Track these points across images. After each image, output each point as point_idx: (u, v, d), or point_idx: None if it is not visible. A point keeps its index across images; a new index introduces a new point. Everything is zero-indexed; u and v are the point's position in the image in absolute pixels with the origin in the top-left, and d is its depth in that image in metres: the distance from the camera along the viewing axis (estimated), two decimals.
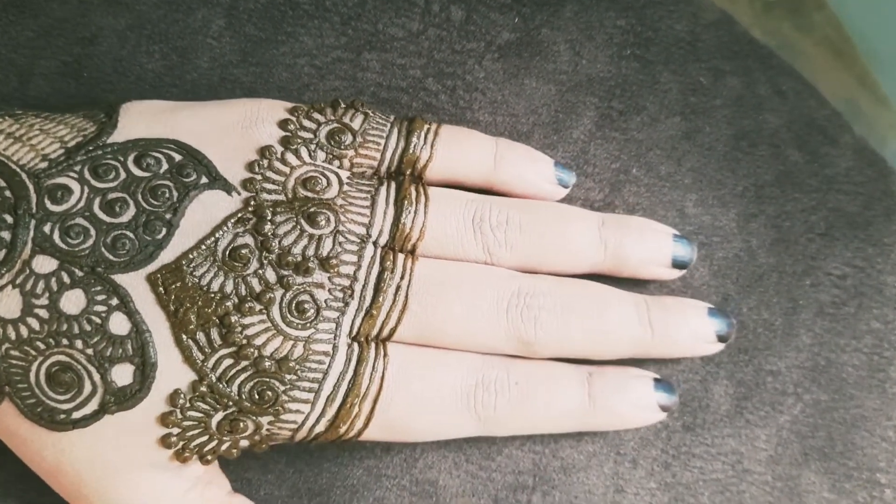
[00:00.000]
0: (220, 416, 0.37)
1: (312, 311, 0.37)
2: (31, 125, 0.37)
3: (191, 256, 0.36)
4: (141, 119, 0.39)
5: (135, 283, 0.35)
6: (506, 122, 0.46)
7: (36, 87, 0.45)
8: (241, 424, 0.37)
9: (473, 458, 0.43)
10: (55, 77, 0.45)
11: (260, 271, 0.37)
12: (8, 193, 0.35)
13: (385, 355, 0.38)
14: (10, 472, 0.40)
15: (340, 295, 0.38)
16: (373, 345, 0.38)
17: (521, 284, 0.40)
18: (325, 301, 0.37)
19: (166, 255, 0.36)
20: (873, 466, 0.43)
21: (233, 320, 0.36)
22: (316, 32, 0.46)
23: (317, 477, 0.43)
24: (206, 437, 0.37)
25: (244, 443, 0.38)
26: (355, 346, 0.38)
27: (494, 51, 0.46)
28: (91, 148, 0.37)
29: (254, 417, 0.37)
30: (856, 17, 0.51)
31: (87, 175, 0.36)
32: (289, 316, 0.37)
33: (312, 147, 0.39)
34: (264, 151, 0.38)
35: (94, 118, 0.39)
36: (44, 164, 0.36)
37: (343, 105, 0.41)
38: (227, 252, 0.36)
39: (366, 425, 0.38)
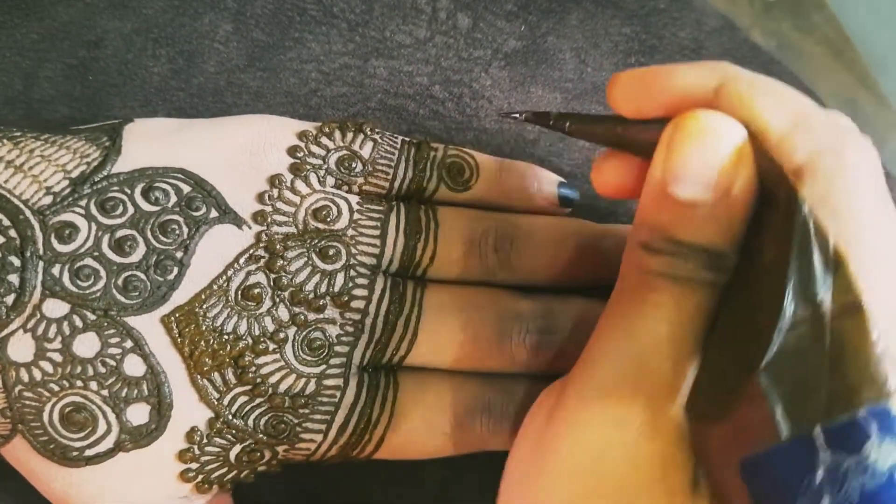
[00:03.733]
0: (237, 448, 0.35)
1: (324, 347, 0.35)
2: (31, 151, 0.34)
3: (203, 297, 0.34)
4: (145, 143, 0.36)
5: (149, 326, 0.33)
6: (512, 130, 0.44)
7: (40, 91, 0.42)
8: (258, 454, 0.36)
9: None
10: (60, 80, 0.42)
11: (273, 310, 0.35)
12: (13, 233, 0.33)
13: (395, 382, 0.37)
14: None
15: (351, 329, 0.36)
16: (382, 373, 0.37)
17: (521, 310, 0.38)
18: (337, 336, 0.36)
19: (179, 297, 0.34)
20: None
21: (247, 361, 0.34)
22: (323, 38, 0.43)
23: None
24: (224, 469, 0.35)
25: (261, 468, 0.37)
26: (365, 376, 0.36)
27: (501, 59, 0.44)
28: (96, 179, 0.34)
29: (270, 447, 0.36)
30: (856, 17, 0.49)
31: (93, 210, 0.34)
32: (301, 354, 0.35)
33: (322, 173, 0.37)
34: (274, 180, 0.36)
35: (97, 142, 0.36)
36: (48, 199, 0.33)
37: (351, 128, 0.38)
38: (240, 291, 0.34)
39: (376, 449, 0.37)
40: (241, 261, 0.35)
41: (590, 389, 0.30)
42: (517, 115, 0.36)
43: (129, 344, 0.33)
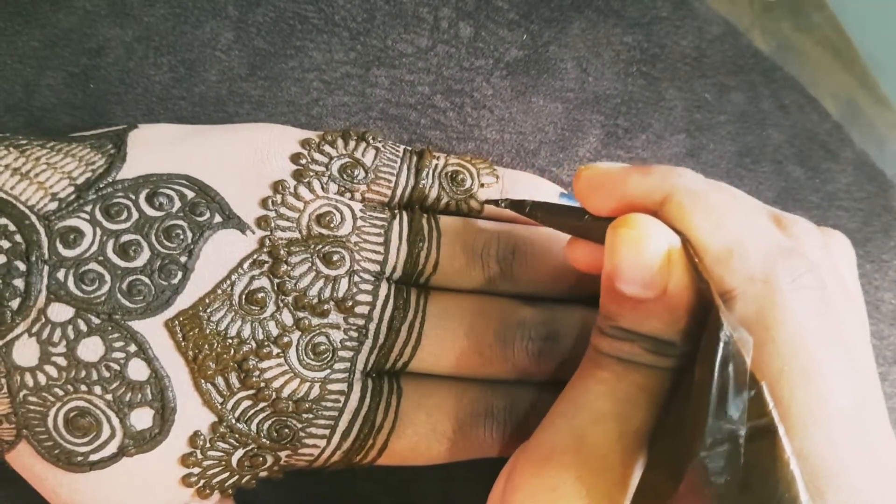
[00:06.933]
0: (240, 453, 0.36)
1: (328, 352, 0.36)
2: (38, 158, 0.35)
3: (207, 301, 0.34)
4: (150, 149, 0.37)
5: (153, 330, 0.34)
6: (513, 140, 0.44)
7: (41, 98, 0.43)
8: (261, 459, 0.36)
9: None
10: (61, 88, 0.43)
11: (277, 314, 0.35)
12: (18, 238, 0.33)
13: (398, 387, 0.37)
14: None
15: (355, 335, 0.36)
16: (385, 379, 0.38)
17: (524, 317, 0.39)
18: (341, 341, 0.36)
19: (183, 301, 0.34)
20: None
21: (251, 365, 0.35)
22: (325, 47, 0.44)
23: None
24: (227, 474, 0.36)
25: (263, 473, 0.37)
26: (369, 381, 0.37)
27: (502, 68, 0.45)
28: (101, 185, 0.35)
29: (273, 452, 0.36)
30: (855, 17, 0.50)
31: (98, 216, 0.34)
32: (305, 358, 0.36)
33: (325, 180, 0.38)
34: (277, 186, 0.37)
35: (102, 149, 0.36)
36: (53, 205, 0.34)
37: (354, 137, 0.39)
38: (244, 296, 0.35)
39: (379, 454, 0.37)
40: (245, 265, 0.35)
41: (535, 455, 0.32)
42: (499, 202, 0.39)
43: (133, 348, 0.34)
